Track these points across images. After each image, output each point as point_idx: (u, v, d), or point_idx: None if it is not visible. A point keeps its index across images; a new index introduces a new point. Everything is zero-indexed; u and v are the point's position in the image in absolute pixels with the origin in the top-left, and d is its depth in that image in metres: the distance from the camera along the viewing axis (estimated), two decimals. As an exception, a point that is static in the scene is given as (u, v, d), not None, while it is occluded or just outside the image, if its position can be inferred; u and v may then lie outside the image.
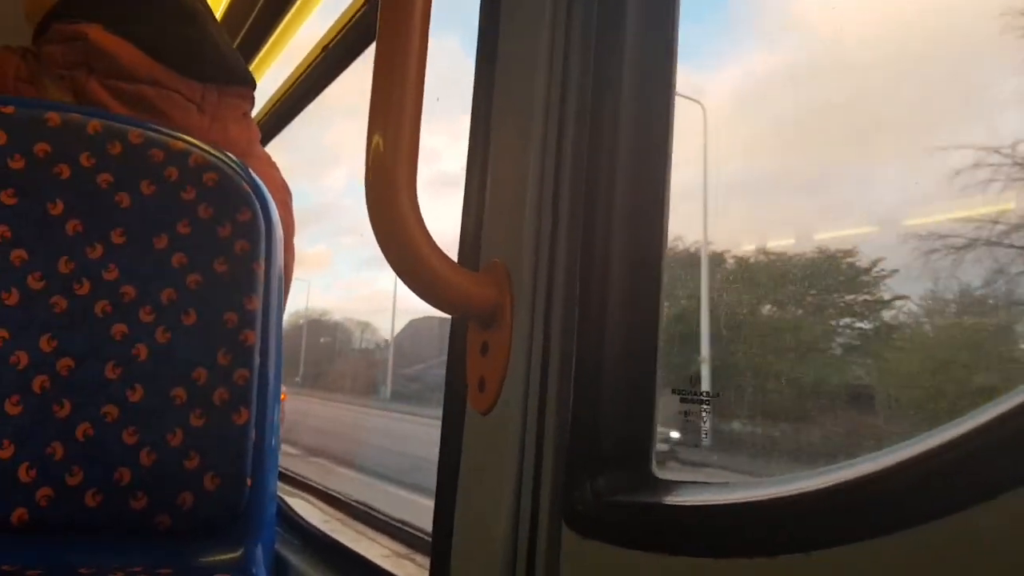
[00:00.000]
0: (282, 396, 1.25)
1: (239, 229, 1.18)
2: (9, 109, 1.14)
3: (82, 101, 1.31)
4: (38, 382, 1.08)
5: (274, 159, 1.63)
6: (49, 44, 1.35)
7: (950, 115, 0.77)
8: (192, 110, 1.39)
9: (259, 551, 1.13)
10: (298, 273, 1.58)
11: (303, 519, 1.56)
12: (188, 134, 1.26)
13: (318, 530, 1.49)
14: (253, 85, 1.52)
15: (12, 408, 1.06)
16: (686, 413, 0.78)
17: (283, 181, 1.56)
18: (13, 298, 1.09)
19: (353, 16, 1.82)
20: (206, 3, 1.52)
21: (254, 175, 1.23)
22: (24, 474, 1.05)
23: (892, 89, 0.80)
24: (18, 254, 1.10)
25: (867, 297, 1.02)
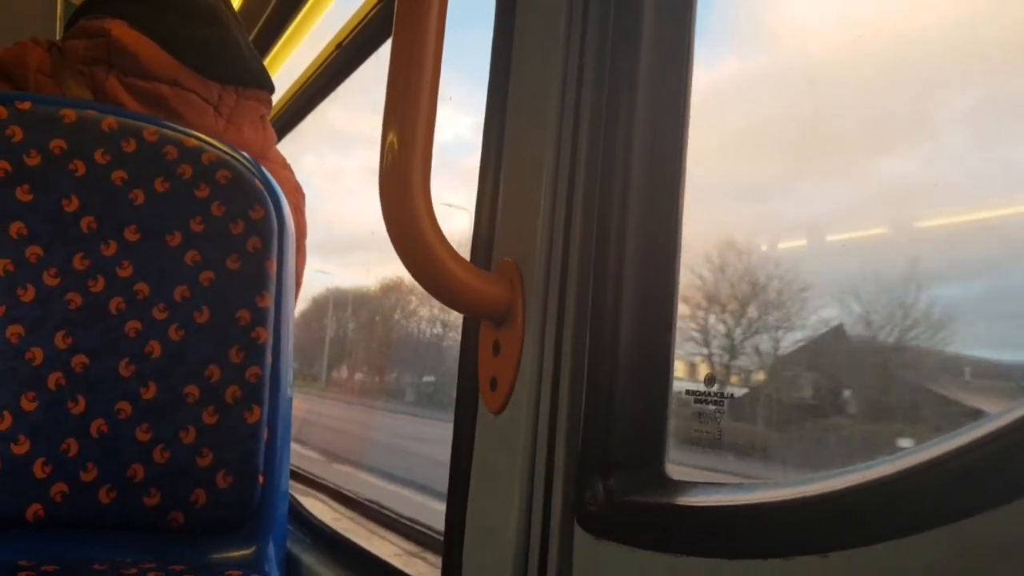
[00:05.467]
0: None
1: (252, 227, 1.18)
2: (26, 105, 1.15)
3: (100, 97, 1.32)
4: (53, 378, 1.09)
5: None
6: (73, 39, 1.37)
7: (898, 135, 0.79)
8: (208, 112, 1.40)
9: (271, 548, 1.14)
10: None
11: (315, 517, 1.56)
12: (201, 133, 1.26)
13: (330, 528, 1.49)
14: (272, 89, 1.52)
15: (28, 404, 1.07)
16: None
17: (297, 184, 1.56)
18: (29, 294, 1.10)
19: (368, 13, 1.82)
20: (231, 6, 1.53)
21: (267, 173, 1.24)
22: (40, 470, 1.06)
23: (849, 106, 0.82)
24: (34, 250, 1.11)
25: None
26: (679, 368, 0.75)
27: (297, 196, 1.53)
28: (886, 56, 0.77)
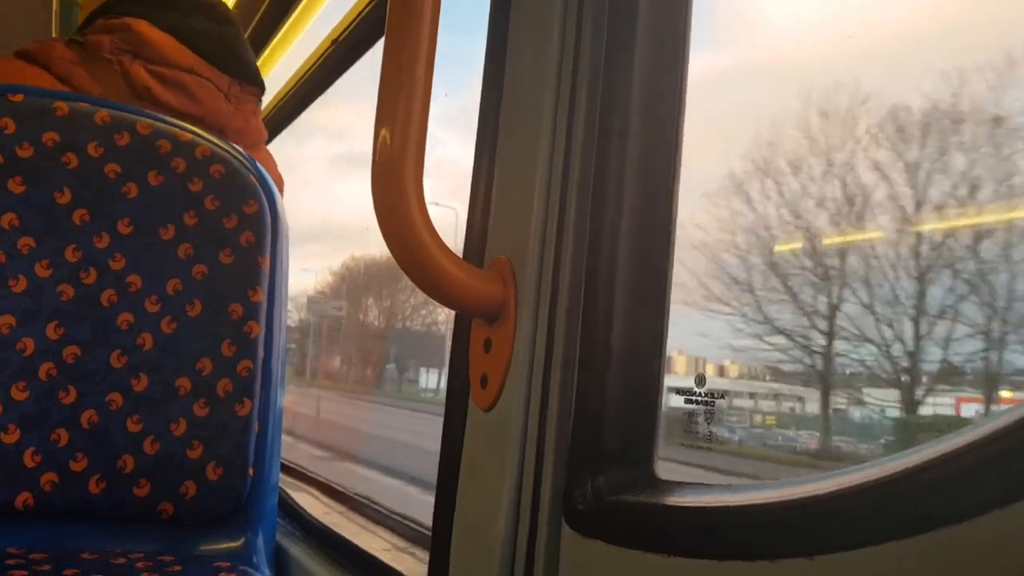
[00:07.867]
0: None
1: (246, 221, 1.18)
2: (18, 97, 1.14)
3: (128, 82, 1.39)
4: (44, 369, 1.08)
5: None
6: (95, 34, 1.43)
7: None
8: (221, 97, 1.49)
9: (260, 541, 1.14)
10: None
11: (304, 510, 1.56)
12: (216, 117, 1.40)
13: (319, 522, 1.49)
14: (263, 88, 1.62)
15: (19, 394, 1.07)
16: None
17: (279, 175, 1.64)
18: (21, 285, 1.09)
19: (362, 10, 1.82)
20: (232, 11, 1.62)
21: (261, 168, 1.24)
22: (30, 459, 1.05)
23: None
24: (26, 242, 1.10)
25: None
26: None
27: (279, 185, 1.58)
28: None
